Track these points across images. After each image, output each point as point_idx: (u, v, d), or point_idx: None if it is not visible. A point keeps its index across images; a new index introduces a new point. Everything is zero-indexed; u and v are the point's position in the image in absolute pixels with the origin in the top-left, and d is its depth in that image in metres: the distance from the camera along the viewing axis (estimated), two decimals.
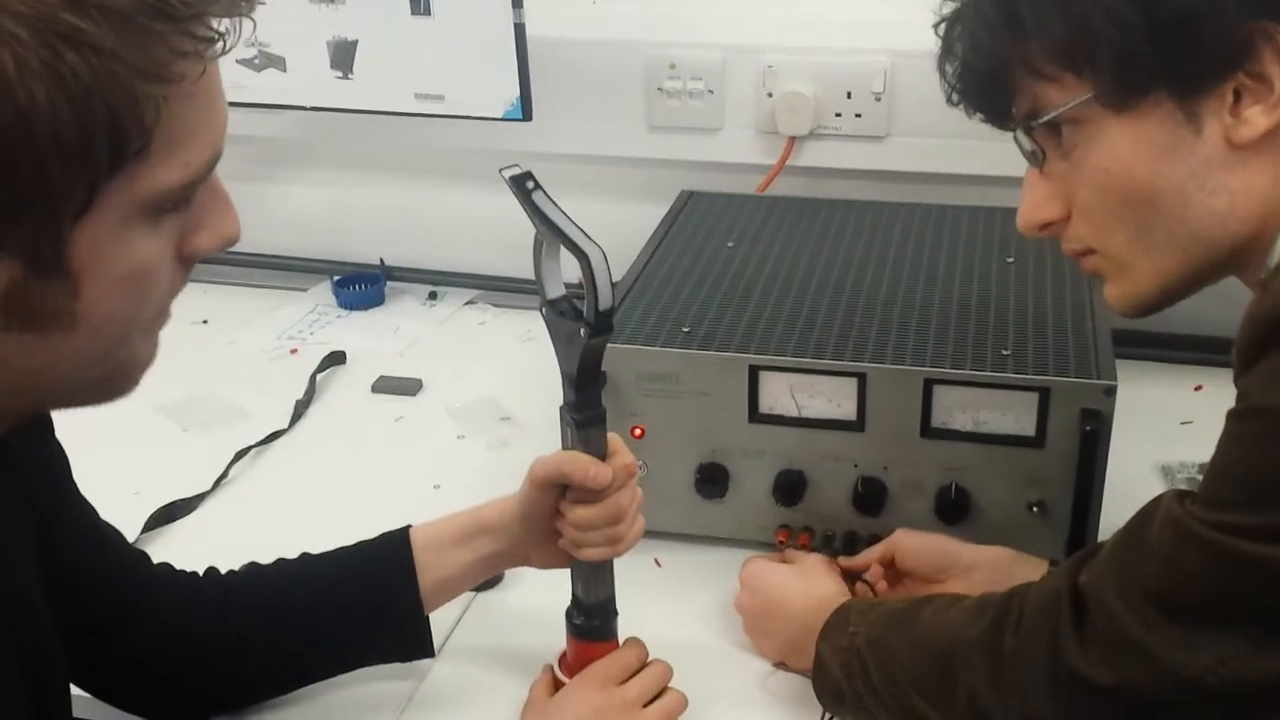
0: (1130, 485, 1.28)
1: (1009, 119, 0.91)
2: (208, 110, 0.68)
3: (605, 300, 0.90)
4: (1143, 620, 0.79)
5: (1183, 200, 0.85)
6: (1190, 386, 1.51)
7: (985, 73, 0.89)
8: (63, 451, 0.93)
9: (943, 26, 0.92)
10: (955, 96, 0.94)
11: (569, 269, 0.92)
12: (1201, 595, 0.78)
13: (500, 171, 0.89)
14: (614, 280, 0.91)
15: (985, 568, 1.09)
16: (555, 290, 0.96)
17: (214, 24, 0.66)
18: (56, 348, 0.68)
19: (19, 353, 0.67)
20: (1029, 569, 1.07)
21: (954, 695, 0.88)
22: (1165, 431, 1.42)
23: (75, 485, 0.96)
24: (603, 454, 0.99)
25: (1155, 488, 1.33)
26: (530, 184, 0.87)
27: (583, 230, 0.88)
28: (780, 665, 1.10)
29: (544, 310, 0.96)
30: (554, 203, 0.88)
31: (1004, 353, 1.17)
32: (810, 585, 1.09)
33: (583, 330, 0.93)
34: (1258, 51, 0.82)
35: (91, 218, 0.64)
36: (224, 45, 0.67)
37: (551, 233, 0.89)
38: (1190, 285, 0.90)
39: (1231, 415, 0.80)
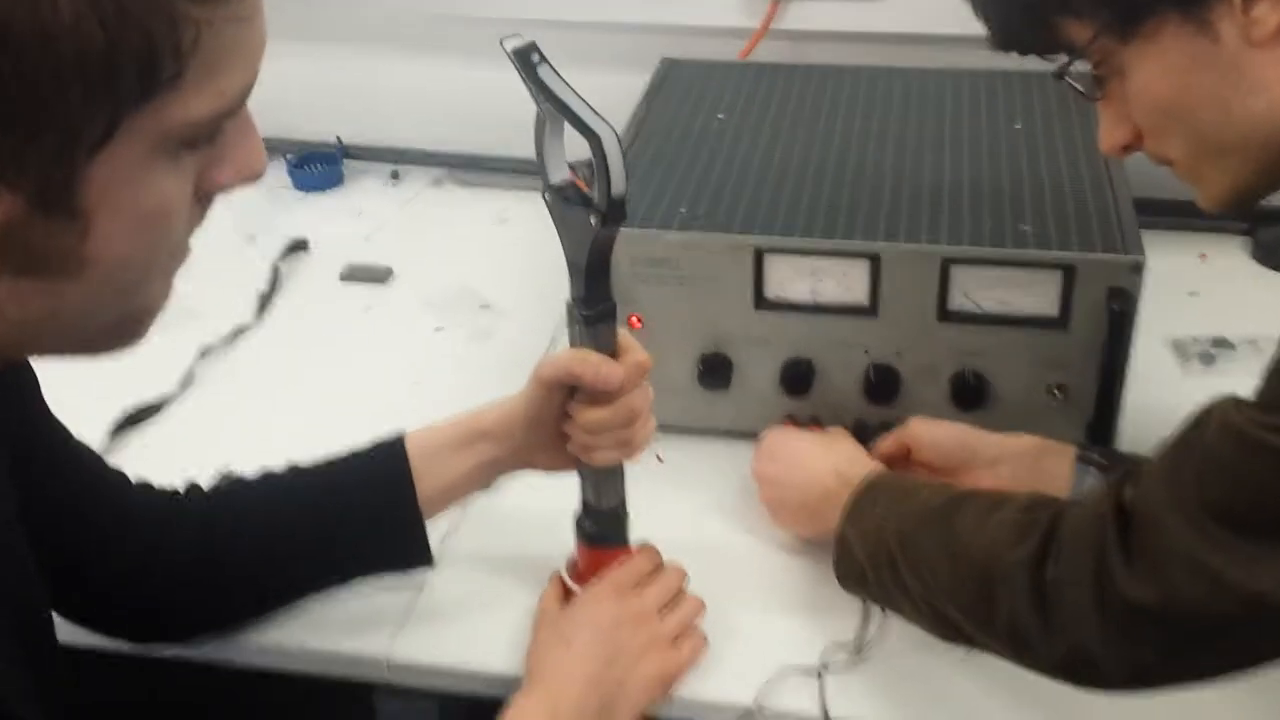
0: (1142, 362, 1.23)
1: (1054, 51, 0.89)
2: (250, 33, 0.59)
3: (619, 185, 0.82)
4: (1202, 534, 0.74)
5: (1221, 107, 0.83)
6: (1195, 254, 1.47)
7: (1012, 31, 0.90)
8: (33, 373, 0.85)
9: None
10: (1001, 40, 0.91)
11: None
12: (1268, 506, 0.72)
13: (501, 42, 0.80)
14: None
15: (1010, 460, 1.04)
16: (559, 174, 0.88)
17: None
18: (58, 295, 0.59)
19: (13, 301, 0.58)
20: (1056, 460, 1.02)
21: (993, 613, 0.83)
22: (1173, 304, 1.37)
23: (47, 408, 0.88)
24: (613, 351, 0.92)
25: (1168, 364, 1.30)
26: (535, 57, 0.79)
27: (592, 108, 0.80)
28: None
29: (547, 196, 0.89)
30: (561, 77, 0.80)
31: (1023, 228, 1.10)
32: (831, 447, 1.06)
33: (593, 218, 0.85)
34: None
35: (110, 151, 0.55)
36: None
37: (558, 111, 0.81)
38: (1268, 178, 0.85)
39: None
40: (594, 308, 0.90)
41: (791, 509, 1.05)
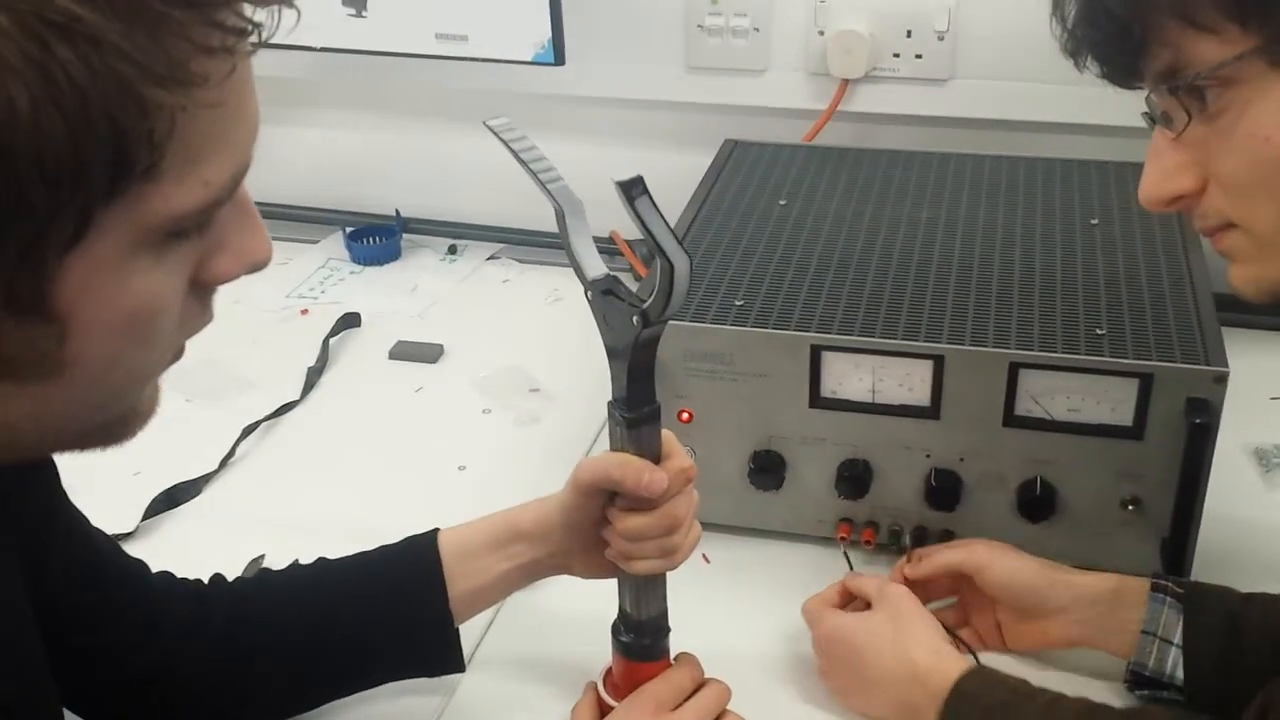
0: (1221, 471, 1.16)
1: (1138, 76, 0.77)
2: (235, 117, 0.55)
3: (674, 308, 0.79)
4: None
5: None
6: (1278, 356, 1.39)
7: (1121, 19, 0.73)
8: (51, 461, 0.82)
9: None
10: (1072, 44, 0.78)
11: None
12: None
13: (614, 181, 0.76)
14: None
15: (1083, 606, 0.96)
16: (595, 268, 0.84)
17: (248, 11, 0.53)
18: (39, 399, 0.56)
19: None
20: (1131, 605, 0.94)
21: None
22: (1254, 408, 1.30)
23: (65, 496, 0.84)
24: (656, 456, 0.87)
25: (1249, 474, 1.23)
26: (638, 190, 0.76)
27: (678, 238, 0.78)
28: None
29: (589, 294, 0.85)
30: (656, 208, 0.77)
31: (1098, 332, 1.04)
32: (904, 640, 0.93)
33: (635, 319, 0.81)
34: None
35: (84, 249, 0.51)
36: (259, 38, 0.54)
37: (645, 234, 0.78)
38: None
39: None
40: (637, 410, 0.85)
41: (876, 711, 0.95)
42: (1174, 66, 0.73)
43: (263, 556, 1.13)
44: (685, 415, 1.11)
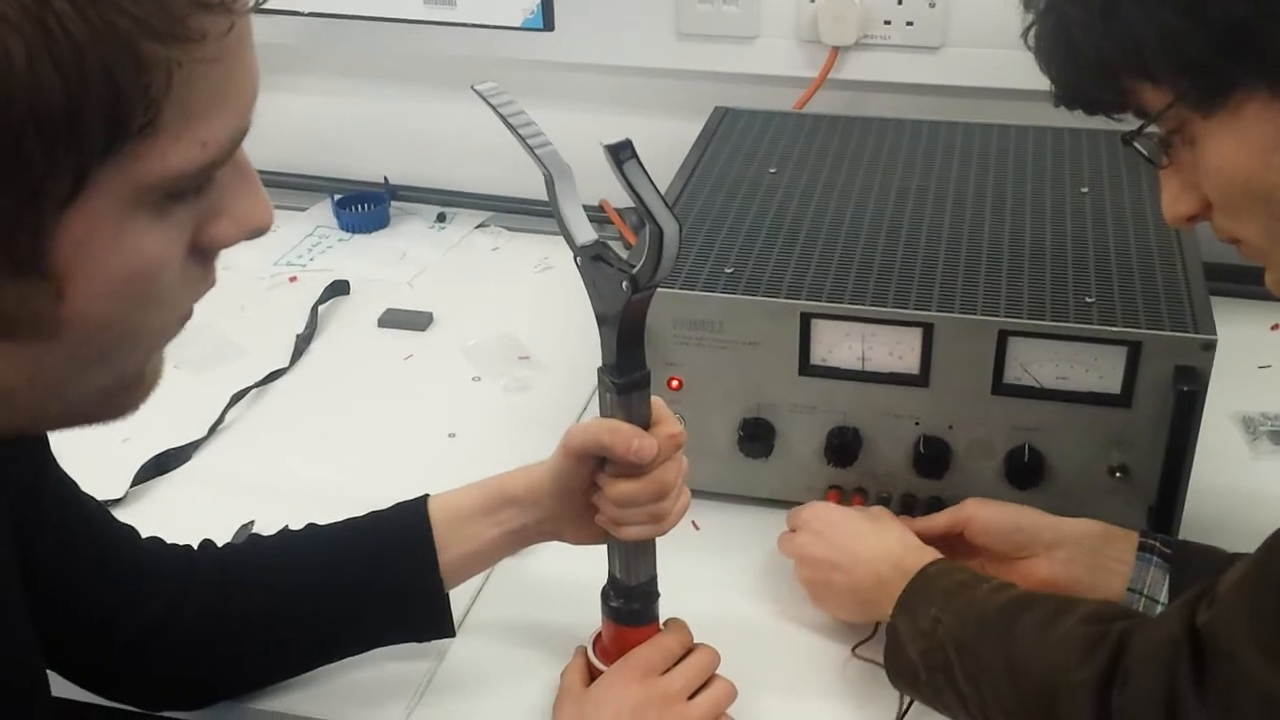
0: (1208, 439, 1.17)
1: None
2: (233, 76, 0.54)
3: (664, 273, 0.80)
4: None
5: None
6: (1266, 325, 1.40)
7: (1079, 90, 0.81)
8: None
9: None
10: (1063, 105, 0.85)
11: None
12: None
13: (602, 145, 0.77)
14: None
15: (1069, 545, 0.98)
16: (585, 234, 0.84)
17: None
18: (34, 360, 0.55)
19: None
20: (1118, 547, 0.96)
21: None
22: (1242, 377, 1.30)
23: (55, 463, 0.84)
24: (646, 422, 0.87)
25: (1236, 442, 1.23)
26: (626, 154, 0.76)
27: (666, 203, 0.78)
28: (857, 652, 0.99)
29: (578, 260, 0.85)
30: (645, 172, 0.77)
31: (1087, 300, 1.04)
32: (882, 530, 0.99)
33: (625, 284, 0.81)
34: None
35: (81, 206, 0.51)
36: None
37: (634, 199, 0.78)
38: None
39: None
40: (626, 376, 0.85)
41: (838, 594, 1.00)
42: (1141, 111, 0.79)
43: (252, 523, 1.13)
44: (675, 383, 1.11)
